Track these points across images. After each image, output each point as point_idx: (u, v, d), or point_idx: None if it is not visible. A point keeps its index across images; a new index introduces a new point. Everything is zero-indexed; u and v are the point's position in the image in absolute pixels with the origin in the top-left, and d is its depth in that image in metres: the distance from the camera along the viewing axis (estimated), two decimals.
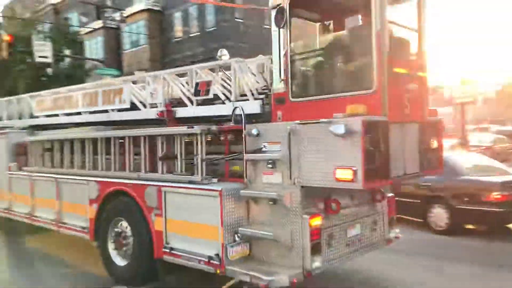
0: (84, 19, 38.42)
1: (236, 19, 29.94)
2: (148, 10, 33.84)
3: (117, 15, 34.68)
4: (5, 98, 9.77)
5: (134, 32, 34.46)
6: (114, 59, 34.37)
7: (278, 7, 4.86)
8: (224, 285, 5.01)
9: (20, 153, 8.12)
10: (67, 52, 31.50)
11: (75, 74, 30.29)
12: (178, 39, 31.94)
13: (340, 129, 4.03)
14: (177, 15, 34.00)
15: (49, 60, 22.57)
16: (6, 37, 20.63)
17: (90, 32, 35.27)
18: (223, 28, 28.71)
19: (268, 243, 4.70)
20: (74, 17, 40.03)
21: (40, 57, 21.87)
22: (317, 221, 4.50)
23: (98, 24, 35.44)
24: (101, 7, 37.48)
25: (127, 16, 33.81)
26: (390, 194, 5.76)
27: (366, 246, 5.38)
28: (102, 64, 29.97)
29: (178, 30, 32.26)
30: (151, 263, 5.44)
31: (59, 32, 31.80)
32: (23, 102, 9.00)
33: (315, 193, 4.62)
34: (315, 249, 4.49)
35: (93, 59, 31.92)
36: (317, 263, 4.51)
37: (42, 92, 8.62)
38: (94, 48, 35.75)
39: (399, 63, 4.57)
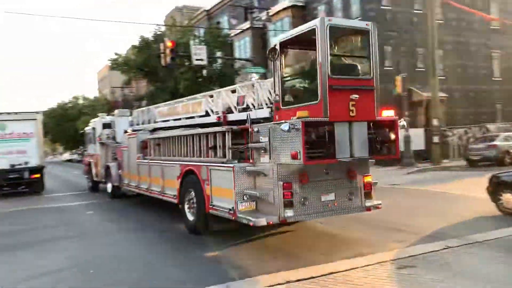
0: (233, 22, 44.93)
1: (382, 7, 31.84)
2: (292, 6, 37.81)
3: (263, 15, 39.94)
4: (140, 109, 15.13)
5: (279, 29, 39.00)
6: (261, 57, 39.37)
7: (272, 47, 8.37)
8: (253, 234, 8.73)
9: (144, 147, 13.18)
10: (219, 54, 37.68)
11: (226, 74, 36.39)
12: None
13: (286, 127, 7.36)
14: (321, 8, 37.23)
15: (205, 62, 27.33)
16: (169, 44, 24.80)
17: (239, 33, 41.20)
18: (369, 18, 30.51)
19: (264, 201, 8.19)
20: (224, 21, 47.04)
21: (197, 60, 26.35)
22: (288, 186, 7.88)
23: (246, 25, 40.94)
24: (249, 9, 43.40)
25: (272, 15, 38.77)
26: (367, 173, 8.74)
27: (342, 209, 8.47)
28: (250, 63, 35.15)
29: None
30: (204, 217, 9.44)
31: (212, 36, 38.14)
32: (150, 111, 14.09)
33: (296, 169, 7.98)
34: (287, 205, 7.83)
35: (241, 59, 37.36)
36: (289, 214, 7.86)
37: (161, 104, 13.56)
38: (243, 48, 41.39)
39: (341, 82, 7.65)
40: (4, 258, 9.04)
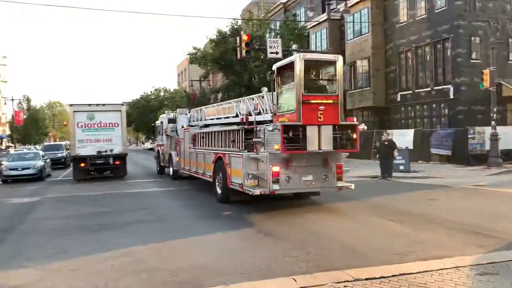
0: (310, 14, 49.12)
1: None
2: None
3: (341, 6, 43.77)
4: (195, 109, 20.85)
5: (357, 21, 42.04)
6: (337, 49, 41.33)
7: (272, 71, 13.43)
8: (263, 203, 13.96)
9: (194, 139, 18.76)
10: (294, 46, 41.82)
11: None
12: (403, 23, 36.90)
13: (270, 128, 12.14)
14: None
15: (279, 55, 28.08)
16: (245, 37, 27.25)
17: (315, 25, 44.36)
18: (455, 7, 31.98)
19: (262, 179, 12.93)
20: (301, 13, 51.52)
21: (271, 53, 28.48)
22: (276, 168, 12.67)
23: (323, 17, 43.42)
24: (326, 0, 47.39)
25: (351, 6, 42.10)
26: (339, 162, 13.49)
27: (318, 187, 13.13)
28: None
29: (403, 15, 37.16)
30: (226, 190, 14.56)
31: (288, 29, 42.46)
32: (202, 111, 19.69)
33: (282, 157, 12.89)
34: (275, 181, 12.51)
35: (317, 52, 41.46)
36: (276, 187, 12.48)
37: (208, 106, 19.09)
38: (319, 40, 44.77)
39: (312, 97, 12.32)
40: (91, 239, 10.59)
